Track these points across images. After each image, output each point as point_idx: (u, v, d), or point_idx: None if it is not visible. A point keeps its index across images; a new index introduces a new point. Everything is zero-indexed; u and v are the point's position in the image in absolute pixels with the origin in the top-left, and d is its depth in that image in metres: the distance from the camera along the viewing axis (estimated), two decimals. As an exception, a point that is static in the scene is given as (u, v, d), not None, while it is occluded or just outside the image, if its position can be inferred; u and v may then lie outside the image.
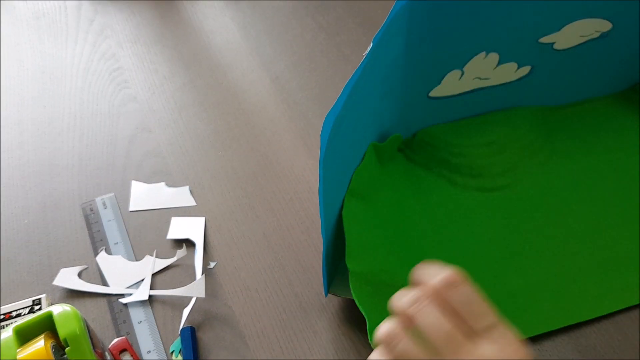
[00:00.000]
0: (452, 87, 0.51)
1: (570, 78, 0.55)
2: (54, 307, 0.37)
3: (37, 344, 0.35)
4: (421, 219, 0.50)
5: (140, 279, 0.46)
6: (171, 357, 0.42)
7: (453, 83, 0.51)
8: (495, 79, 0.52)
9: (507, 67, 0.51)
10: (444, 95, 0.51)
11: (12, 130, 0.59)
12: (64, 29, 0.70)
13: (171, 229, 0.50)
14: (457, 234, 0.49)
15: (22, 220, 0.51)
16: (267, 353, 0.43)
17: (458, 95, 0.52)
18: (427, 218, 0.50)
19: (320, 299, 0.46)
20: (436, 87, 0.50)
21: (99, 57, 0.67)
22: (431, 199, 0.51)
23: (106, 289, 0.46)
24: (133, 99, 0.62)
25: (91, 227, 0.50)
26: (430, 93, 0.51)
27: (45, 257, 0.48)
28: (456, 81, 0.50)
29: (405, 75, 0.48)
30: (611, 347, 0.42)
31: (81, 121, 0.60)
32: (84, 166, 0.55)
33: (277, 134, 0.58)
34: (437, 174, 0.52)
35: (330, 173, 0.39)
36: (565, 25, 0.49)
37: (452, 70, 0.49)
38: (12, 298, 0.46)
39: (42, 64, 0.66)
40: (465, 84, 0.51)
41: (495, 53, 0.49)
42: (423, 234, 0.49)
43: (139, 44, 0.68)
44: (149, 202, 0.52)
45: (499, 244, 0.48)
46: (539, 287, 0.45)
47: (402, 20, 0.42)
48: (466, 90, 0.52)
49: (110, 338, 0.43)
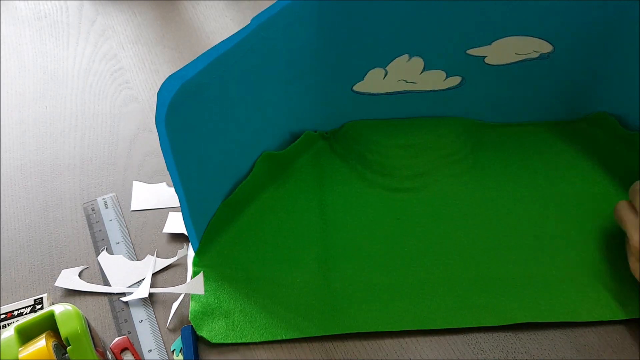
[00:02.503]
0: (376, 85, 0.52)
1: (506, 96, 0.54)
2: (56, 306, 0.37)
3: (39, 343, 0.35)
4: (315, 207, 0.51)
5: (141, 278, 0.47)
6: (172, 356, 0.42)
7: (377, 81, 0.51)
8: (422, 84, 0.52)
9: (434, 74, 0.51)
10: (368, 91, 0.52)
11: (13, 131, 0.59)
12: (65, 29, 0.71)
13: (167, 224, 0.50)
14: (345, 226, 0.50)
15: (24, 220, 0.51)
16: (267, 352, 0.43)
17: (385, 94, 0.53)
18: (322, 207, 0.51)
19: (321, 298, 0.46)
20: (360, 82, 0.51)
21: (100, 57, 0.67)
22: (335, 189, 0.52)
23: (107, 288, 0.46)
24: (134, 100, 0.62)
25: (92, 226, 0.51)
26: (354, 87, 0.52)
27: (47, 257, 0.49)
28: (380, 80, 0.51)
29: (323, 65, 0.49)
30: (610, 346, 0.42)
31: (82, 121, 0.60)
32: (86, 166, 0.56)
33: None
34: (351, 167, 0.54)
35: (186, 141, 0.40)
36: (496, 39, 0.48)
37: (375, 68, 0.50)
38: (13, 297, 0.46)
39: (43, 65, 0.66)
40: (390, 84, 0.52)
41: (419, 57, 0.49)
42: (309, 221, 0.50)
43: (140, 44, 0.68)
44: (150, 202, 0.52)
45: (380, 240, 0.49)
46: (402, 286, 0.45)
47: (311, 9, 0.43)
48: (392, 91, 0.53)
49: (112, 337, 0.43)
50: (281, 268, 0.47)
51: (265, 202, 0.51)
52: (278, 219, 0.50)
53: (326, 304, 0.44)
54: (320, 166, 0.54)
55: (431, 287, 0.45)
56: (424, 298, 0.45)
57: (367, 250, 0.48)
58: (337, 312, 0.44)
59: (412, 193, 0.52)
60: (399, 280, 0.46)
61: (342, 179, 0.53)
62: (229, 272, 0.46)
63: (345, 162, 0.54)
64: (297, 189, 0.52)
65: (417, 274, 0.46)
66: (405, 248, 0.48)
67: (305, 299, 0.45)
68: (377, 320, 0.44)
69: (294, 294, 0.45)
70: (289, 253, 0.48)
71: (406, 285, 0.46)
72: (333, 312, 0.44)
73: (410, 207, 0.51)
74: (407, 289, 0.45)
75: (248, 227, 0.49)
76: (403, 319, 0.44)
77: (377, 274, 0.46)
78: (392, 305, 0.44)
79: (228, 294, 0.45)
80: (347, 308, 0.44)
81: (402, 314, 0.44)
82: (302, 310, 0.44)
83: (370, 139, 0.54)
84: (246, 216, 0.50)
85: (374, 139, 0.54)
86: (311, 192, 0.52)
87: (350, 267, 0.47)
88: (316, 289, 0.45)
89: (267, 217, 0.50)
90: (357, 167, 0.54)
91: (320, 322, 0.43)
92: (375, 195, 0.52)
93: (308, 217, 0.50)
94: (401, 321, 0.43)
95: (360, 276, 0.46)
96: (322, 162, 0.55)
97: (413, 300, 0.45)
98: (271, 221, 0.50)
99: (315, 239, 0.49)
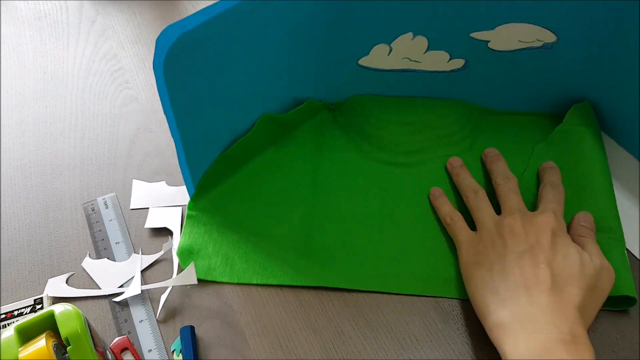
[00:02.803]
0: (380, 60, 0.53)
1: (508, 84, 0.54)
2: (56, 306, 0.37)
3: (39, 343, 0.35)
4: (309, 171, 0.54)
5: (130, 277, 0.47)
6: (172, 356, 0.42)
7: (381, 57, 0.52)
8: (426, 63, 0.53)
9: (438, 54, 0.52)
10: (373, 66, 0.54)
11: (13, 131, 0.59)
12: (65, 29, 0.71)
13: (149, 219, 0.51)
14: (334, 190, 0.52)
15: (24, 220, 0.51)
16: (267, 352, 0.43)
17: (389, 71, 0.54)
18: (316, 171, 0.54)
19: (320, 298, 0.46)
20: (365, 57, 0.53)
21: (101, 57, 0.67)
22: (332, 157, 0.55)
23: (98, 291, 0.46)
24: (134, 100, 0.62)
25: (92, 226, 0.51)
26: (360, 61, 0.53)
27: (47, 257, 0.49)
28: (385, 56, 0.52)
29: (329, 36, 0.50)
30: (609, 345, 0.42)
31: (82, 121, 0.60)
32: (86, 166, 0.56)
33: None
34: (350, 138, 0.56)
35: (184, 90, 0.42)
36: (499, 25, 0.48)
37: (380, 44, 0.51)
38: (13, 297, 0.46)
39: (43, 65, 0.66)
40: (394, 61, 0.53)
41: (423, 37, 0.50)
42: (301, 183, 0.53)
43: (140, 44, 0.68)
44: (149, 201, 0.52)
45: (364, 207, 0.51)
46: (377, 250, 0.48)
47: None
48: (397, 68, 0.54)
49: (112, 337, 0.44)
50: (268, 222, 0.50)
51: (263, 161, 0.54)
52: (272, 178, 0.53)
53: (303, 257, 0.47)
54: (321, 135, 0.56)
55: (405, 255, 0.48)
56: (397, 264, 0.47)
57: (351, 215, 0.50)
58: (311, 266, 0.47)
59: (404, 168, 0.54)
60: (375, 244, 0.48)
61: (340, 148, 0.55)
62: (219, 219, 0.50)
63: (345, 133, 0.56)
64: (295, 152, 0.55)
65: (393, 241, 0.48)
66: (387, 217, 0.50)
67: (285, 251, 0.48)
68: (349, 278, 0.46)
69: (275, 246, 0.48)
70: (277, 210, 0.51)
71: (381, 250, 0.48)
72: (308, 266, 0.47)
73: (400, 181, 0.53)
74: (382, 253, 0.48)
75: (242, 182, 0.52)
76: (373, 280, 0.46)
77: (355, 236, 0.49)
78: (365, 266, 0.47)
79: (215, 238, 0.49)
80: (322, 263, 0.47)
81: (373, 275, 0.46)
82: (280, 261, 0.47)
83: (372, 113, 0.56)
84: (242, 172, 0.53)
85: (375, 113, 0.56)
86: (308, 157, 0.55)
87: (332, 228, 0.49)
88: (297, 244, 0.48)
89: (263, 175, 0.53)
90: (356, 139, 0.55)
91: (295, 273, 0.46)
92: (368, 166, 0.54)
93: (301, 179, 0.53)
94: (371, 282, 0.46)
95: (339, 237, 0.49)
96: (323, 131, 0.57)
97: (386, 264, 0.47)
98: (265, 179, 0.53)
99: (303, 199, 0.51)
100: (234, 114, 0.50)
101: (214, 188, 0.52)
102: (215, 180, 0.52)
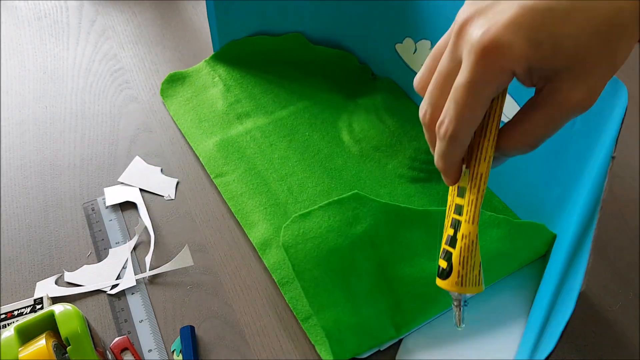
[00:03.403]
0: (408, 55, 0.59)
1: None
2: (56, 306, 0.37)
3: (39, 343, 0.35)
4: (305, 96, 0.61)
5: (117, 271, 0.47)
6: (172, 356, 0.42)
7: (409, 52, 0.58)
8: None
9: None
10: (403, 58, 0.60)
11: (13, 131, 0.59)
12: (66, 29, 0.71)
13: (107, 198, 0.52)
14: (298, 133, 0.58)
15: (24, 220, 0.51)
16: (267, 352, 0.43)
17: (413, 70, 0.59)
18: (310, 102, 0.60)
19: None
20: (399, 44, 0.59)
21: (101, 57, 0.67)
22: (325, 110, 0.60)
23: (90, 287, 0.46)
24: (134, 100, 0.62)
25: (92, 226, 0.51)
26: (396, 45, 0.60)
27: (47, 257, 0.49)
28: (411, 52, 0.58)
29: (375, 11, 0.59)
30: (609, 346, 0.42)
31: (83, 121, 0.60)
32: (86, 166, 0.56)
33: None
34: (353, 108, 0.60)
35: None
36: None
37: (408, 38, 0.57)
38: (13, 297, 0.46)
39: (43, 65, 0.66)
40: (417, 63, 0.58)
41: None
42: (295, 93, 0.61)
43: (140, 44, 0.68)
44: (138, 181, 0.54)
45: (296, 152, 0.56)
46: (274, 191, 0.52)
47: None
48: (417, 71, 0.56)
49: (112, 337, 0.44)
50: (267, 100, 0.61)
51: (277, 68, 0.63)
52: (275, 82, 0.62)
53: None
54: (337, 84, 0.63)
55: (266, 192, 0.52)
56: (256, 194, 0.52)
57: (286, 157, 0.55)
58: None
59: (348, 150, 0.56)
60: (279, 186, 0.53)
61: (334, 103, 0.60)
62: (214, 80, 0.62)
63: (352, 97, 0.62)
64: (308, 81, 0.63)
65: (282, 188, 0.53)
66: (293, 165, 0.54)
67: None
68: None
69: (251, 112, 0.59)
70: (265, 100, 0.60)
71: (278, 191, 0.52)
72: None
73: (334, 155, 0.56)
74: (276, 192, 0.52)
75: (251, 69, 0.63)
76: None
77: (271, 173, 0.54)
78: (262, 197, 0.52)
79: (198, 88, 0.62)
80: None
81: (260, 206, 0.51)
82: (207, 129, 0.57)
83: (377, 97, 0.60)
84: (258, 62, 0.63)
85: (379, 98, 0.59)
86: (310, 88, 0.62)
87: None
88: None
89: (271, 73, 0.63)
90: (349, 107, 0.60)
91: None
92: (331, 129, 0.58)
93: (296, 93, 0.61)
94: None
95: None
96: (347, 83, 0.63)
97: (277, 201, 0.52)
98: (269, 77, 0.62)
99: (290, 99, 0.61)
100: (270, 11, 0.61)
101: (230, 61, 0.63)
102: (233, 54, 0.63)
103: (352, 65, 0.65)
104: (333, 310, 0.42)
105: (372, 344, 0.42)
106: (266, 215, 0.50)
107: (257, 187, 0.52)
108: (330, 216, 0.45)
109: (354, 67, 0.65)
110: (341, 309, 0.42)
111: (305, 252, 0.43)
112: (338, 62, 0.65)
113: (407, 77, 0.60)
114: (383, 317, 0.42)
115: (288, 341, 0.43)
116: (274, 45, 0.64)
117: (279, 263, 0.46)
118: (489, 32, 0.26)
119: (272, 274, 0.46)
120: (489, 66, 0.26)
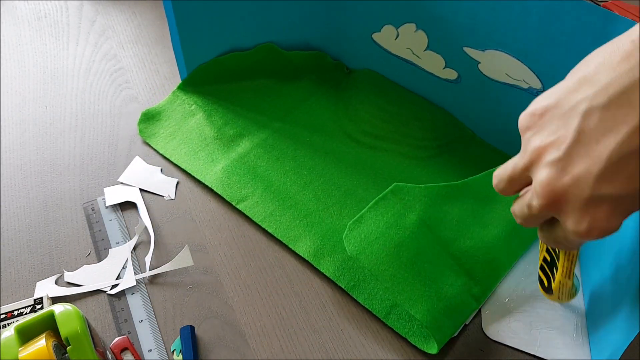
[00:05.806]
0: (388, 42, 0.59)
1: (495, 117, 0.55)
2: (56, 306, 0.37)
3: (39, 343, 0.35)
4: (286, 105, 0.61)
5: (117, 271, 0.47)
6: (172, 356, 0.42)
7: (389, 39, 0.58)
8: (424, 62, 0.57)
9: (435, 57, 0.56)
10: (383, 45, 0.60)
11: (13, 131, 0.59)
12: (65, 29, 0.71)
13: (107, 198, 0.52)
14: (295, 125, 0.59)
15: (24, 220, 0.51)
16: (267, 352, 0.43)
17: (395, 55, 0.59)
18: (292, 109, 0.60)
19: (321, 298, 0.46)
20: (376, 33, 0.59)
21: (101, 57, 0.67)
22: (311, 108, 0.60)
23: (91, 287, 0.46)
24: (134, 100, 0.62)
25: (92, 226, 0.51)
26: (373, 35, 0.59)
27: (47, 257, 0.49)
28: (392, 39, 0.58)
29: (346, 5, 0.58)
30: (610, 346, 0.42)
31: (82, 121, 0.60)
32: (86, 166, 0.56)
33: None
34: (337, 101, 0.61)
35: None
36: (488, 48, 0.50)
37: (389, 25, 0.57)
38: (13, 297, 0.46)
39: (43, 65, 0.66)
40: (399, 48, 0.58)
41: (424, 33, 0.55)
42: (276, 106, 0.60)
43: (140, 44, 0.68)
44: (138, 181, 0.54)
45: (303, 155, 0.56)
46: (281, 192, 0.52)
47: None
48: (401, 56, 0.59)
49: (112, 337, 0.44)
50: (254, 115, 0.59)
51: (253, 82, 0.62)
52: (255, 96, 0.61)
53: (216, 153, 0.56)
54: (316, 85, 0.63)
55: (294, 205, 0.51)
56: (286, 209, 0.51)
57: (288, 155, 0.56)
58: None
59: (357, 145, 0.57)
60: (286, 187, 0.53)
61: (322, 104, 0.61)
62: (192, 108, 0.59)
63: (336, 94, 0.62)
64: (287, 89, 0.62)
65: (290, 192, 0.53)
66: (308, 172, 0.54)
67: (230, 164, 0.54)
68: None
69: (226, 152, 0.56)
70: (253, 116, 0.59)
71: (283, 192, 0.52)
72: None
73: (344, 153, 0.56)
74: (283, 194, 0.52)
75: (227, 90, 0.61)
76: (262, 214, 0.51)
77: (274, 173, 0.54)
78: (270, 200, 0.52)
79: (178, 120, 0.58)
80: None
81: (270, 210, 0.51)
82: (206, 158, 0.55)
83: (363, 89, 0.60)
84: (231, 81, 0.61)
85: (366, 89, 0.60)
86: (292, 95, 0.61)
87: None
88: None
89: (248, 89, 0.61)
90: (339, 104, 0.60)
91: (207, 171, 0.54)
92: (332, 128, 0.58)
93: (280, 103, 0.60)
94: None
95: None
96: (324, 82, 0.63)
97: (280, 204, 0.51)
98: (247, 94, 0.61)
99: (276, 109, 0.60)
100: (238, 28, 0.59)
101: (201, 83, 0.60)
102: (204, 79, 0.60)
103: (327, 63, 0.65)
104: (421, 300, 0.43)
105: (462, 320, 0.44)
106: (305, 227, 0.50)
107: (283, 202, 0.51)
108: (382, 214, 0.46)
109: (329, 64, 0.65)
110: (427, 297, 0.43)
111: (374, 254, 0.44)
112: (312, 63, 0.64)
113: (388, 63, 0.61)
114: (463, 292, 0.44)
115: (287, 341, 0.43)
116: (245, 59, 0.61)
117: (340, 270, 0.47)
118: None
119: (337, 282, 0.46)
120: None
